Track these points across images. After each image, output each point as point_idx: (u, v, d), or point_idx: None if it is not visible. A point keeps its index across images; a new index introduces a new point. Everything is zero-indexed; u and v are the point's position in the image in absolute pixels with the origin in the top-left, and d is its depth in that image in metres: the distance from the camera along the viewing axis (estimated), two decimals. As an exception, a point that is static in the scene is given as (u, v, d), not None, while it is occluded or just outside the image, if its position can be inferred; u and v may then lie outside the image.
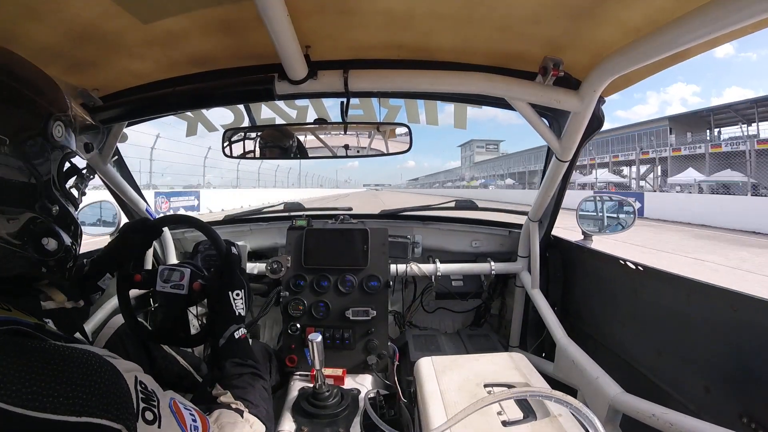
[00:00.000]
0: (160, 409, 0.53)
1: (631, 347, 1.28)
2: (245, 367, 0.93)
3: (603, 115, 1.22)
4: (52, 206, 0.59)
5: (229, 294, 1.01)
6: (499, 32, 0.98)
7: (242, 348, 0.98)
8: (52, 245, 0.58)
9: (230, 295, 1.01)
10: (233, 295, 1.01)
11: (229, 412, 0.76)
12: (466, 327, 2.09)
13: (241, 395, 0.84)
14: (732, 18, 0.63)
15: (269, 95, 1.09)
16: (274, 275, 1.62)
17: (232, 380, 0.88)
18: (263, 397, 0.90)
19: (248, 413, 0.80)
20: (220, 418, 0.74)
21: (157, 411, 0.52)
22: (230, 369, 0.91)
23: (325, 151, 1.56)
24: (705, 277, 0.98)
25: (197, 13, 0.88)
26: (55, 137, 0.58)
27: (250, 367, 0.94)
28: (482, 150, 78.92)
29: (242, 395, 0.84)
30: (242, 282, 1.06)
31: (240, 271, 1.08)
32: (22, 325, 0.50)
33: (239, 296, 1.03)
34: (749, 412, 0.84)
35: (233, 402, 0.81)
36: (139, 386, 0.51)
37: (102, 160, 1.44)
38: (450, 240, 2.03)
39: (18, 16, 0.81)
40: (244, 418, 0.77)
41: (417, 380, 1.14)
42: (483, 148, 79.49)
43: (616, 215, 1.73)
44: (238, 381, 0.88)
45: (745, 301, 0.86)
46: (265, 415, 0.85)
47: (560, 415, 0.92)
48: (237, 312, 1.01)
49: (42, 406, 0.40)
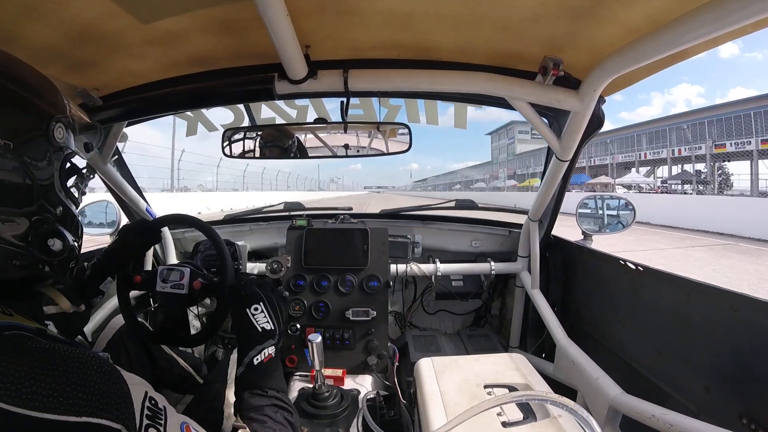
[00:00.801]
0: (167, 427, 0.51)
1: (631, 348, 1.28)
2: (265, 398, 0.83)
3: (603, 115, 1.22)
4: (56, 207, 0.59)
5: (246, 312, 0.92)
6: (499, 32, 0.98)
7: (263, 374, 0.87)
8: (58, 246, 0.58)
9: (248, 312, 0.92)
10: (251, 311, 0.93)
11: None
12: (466, 327, 2.09)
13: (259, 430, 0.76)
14: (732, 18, 0.63)
15: (269, 95, 1.09)
16: (274, 275, 1.61)
17: (251, 413, 0.80)
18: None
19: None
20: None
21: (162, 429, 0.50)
22: (249, 400, 0.82)
23: (325, 150, 1.56)
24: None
25: (197, 12, 0.88)
26: (56, 138, 0.58)
27: (272, 397, 0.84)
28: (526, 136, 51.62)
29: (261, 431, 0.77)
30: (257, 293, 0.96)
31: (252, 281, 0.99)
32: (23, 330, 0.49)
33: (258, 309, 0.93)
34: (749, 412, 0.84)
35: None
36: (149, 402, 0.50)
37: (102, 159, 1.44)
38: (450, 240, 2.03)
39: (18, 16, 0.81)
40: None
41: (417, 381, 1.14)
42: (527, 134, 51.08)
43: (616, 214, 1.72)
44: (257, 414, 0.80)
45: (745, 302, 0.86)
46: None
47: (560, 416, 0.91)
48: (260, 327, 0.91)
49: (41, 405, 0.40)
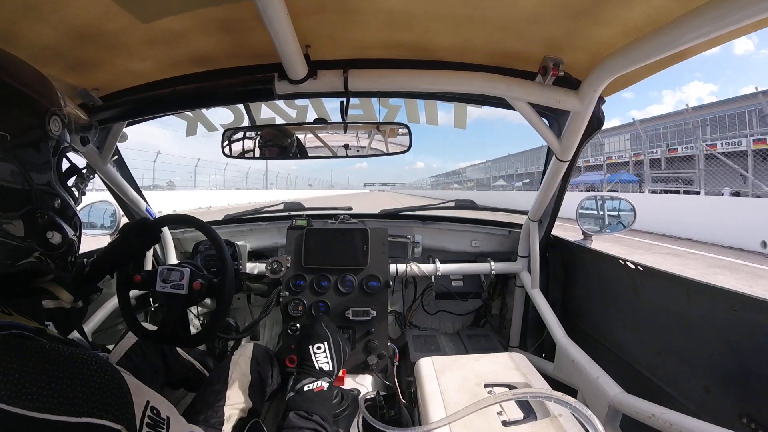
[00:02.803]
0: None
1: (631, 347, 1.28)
2: (309, 422, 0.87)
3: (603, 115, 1.22)
4: (54, 200, 0.59)
5: (309, 348, 0.98)
6: (499, 32, 0.98)
7: (312, 401, 0.92)
8: (57, 239, 0.58)
9: (311, 349, 0.98)
10: (314, 348, 0.98)
11: None
12: (466, 327, 2.09)
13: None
14: (732, 17, 0.63)
15: (269, 95, 1.09)
16: (274, 275, 1.62)
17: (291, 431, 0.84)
18: None
19: None
20: None
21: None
22: (293, 420, 0.86)
23: (324, 150, 1.56)
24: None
25: (197, 12, 0.88)
26: (52, 131, 0.58)
27: (315, 422, 0.87)
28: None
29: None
30: (324, 334, 1.02)
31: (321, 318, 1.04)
32: (23, 330, 0.49)
33: (321, 349, 0.99)
34: (749, 412, 0.84)
35: None
36: (150, 411, 0.50)
37: (102, 159, 1.44)
38: (450, 240, 2.03)
39: (18, 16, 0.81)
40: None
41: (417, 380, 1.14)
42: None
43: (617, 214, 1.72)
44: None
45: (745, 302, 0.86)
46: None
47: (560, 416, 0.92)
48: (318, 367, 0.98)
49: (41, 406, 0.39)
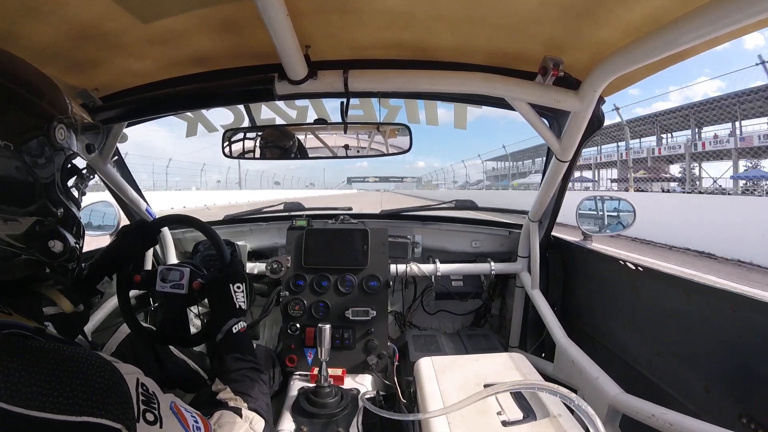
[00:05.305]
0: (160, 411, 0.53)
1: (630, 347, 1.28)
2: (244, 362, 0.94)
3: (603, 115, 1.22)
4: (57, 208, 0.59)
5: (230, 286, 1.02)
6: (499, 32, 0.98)
7: (241, 342, 0.99)
8: (58, 247, 0.58)
9: (231, 287, 1.02)
10: (234, 287, 1.02)
11: (229, 413, 0.77)
12: (466, 327, 2.09)
13: (240, 389, 0.85)
14: (732, 17, 0.63)
15: (269, 95, 1.09)
16: (274, 275, 1.62)
17: (231, 374, 0.89)
18: (262, 390, 0.91)
19: (247, 409, 0.81)
20: (221, 419, 0.75)
21: (157, 413, 0.52)
22: (230, 364, 0.92)
23: (325, 151, 1.56)
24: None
25: (197, 12, 0.88)
26: (57, 140, 0.58)
27: (249, 361, 0.95)
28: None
29: (241, 389, 0.85)
30: (244, 276, 1.06)
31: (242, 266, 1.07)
32: (22, 329, 0.50)
33: (240, 289, 1.03)
34: (749, 412, 0.84)
35: (233, 398, 0.82)
36: (141, 388, 0.52)
37: (102, 160, 1.44)
38: (450, 240, 2.03)
39: (18, 16, 0.81)
40: (243, 417, 0.78)
41: (417, 380, 1.14)
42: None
43: (616, 214, 1.72)
44: (237, 375, 0.89)
45: (745, 302, 0.86)
46: (265, 408, 0.86)
47: (560, 415, 0.91)
48: (238, 305, 1.01)
49: (42, 405, 0.40)
